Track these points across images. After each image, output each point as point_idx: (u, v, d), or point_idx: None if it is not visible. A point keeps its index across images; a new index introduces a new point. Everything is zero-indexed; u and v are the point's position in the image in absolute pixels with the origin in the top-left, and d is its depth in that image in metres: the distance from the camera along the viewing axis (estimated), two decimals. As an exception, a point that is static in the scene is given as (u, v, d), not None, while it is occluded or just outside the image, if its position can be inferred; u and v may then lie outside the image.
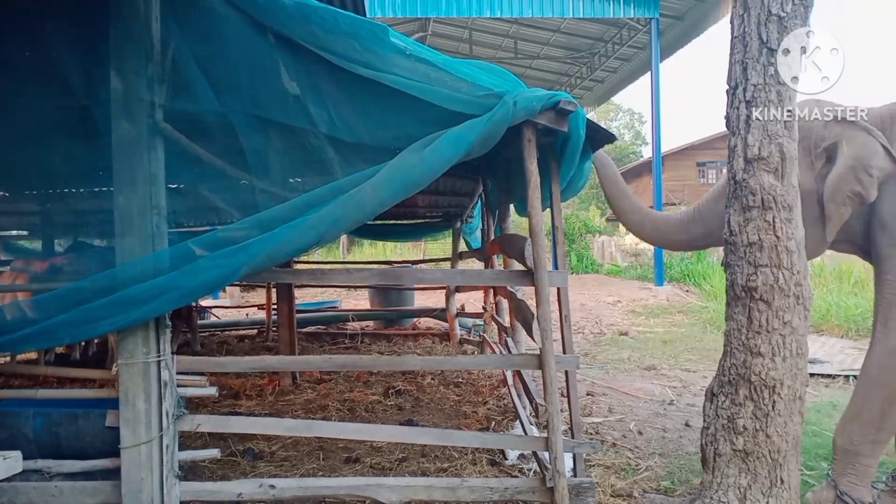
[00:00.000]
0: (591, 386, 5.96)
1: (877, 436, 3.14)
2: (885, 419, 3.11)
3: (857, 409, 3.20)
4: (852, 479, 3.17)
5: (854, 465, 3.18)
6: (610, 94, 23.23)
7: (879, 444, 3.17)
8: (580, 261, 19.94)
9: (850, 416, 3.23)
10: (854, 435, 3.16)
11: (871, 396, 3.14)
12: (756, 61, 2.82)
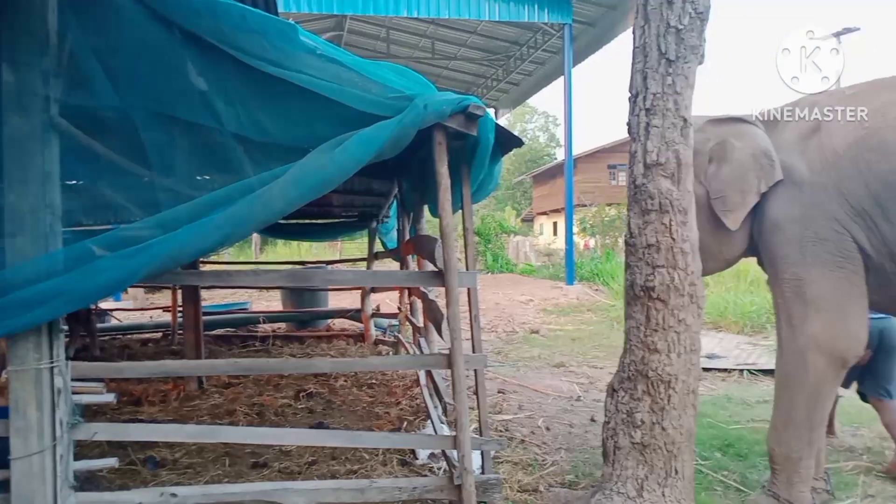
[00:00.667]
0: (502, 384, 6.08)
1: (811, 436, 3.17)
2: (813, 417, 3.15)
3: (785, 414, 3.19)
4: (800, 489, 3.18)
5: (797, 472, 3.18)
6: (525, 96, 23.70)
7: (814, 442, 3.20)
8: (495, 260, 20.28)
9: (781, 424, 3.22)
10: (792, 441, 3.17)
11: (795, 399, 3.14)
12: (655, 71, 2.95)
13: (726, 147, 3.34)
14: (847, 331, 3.07)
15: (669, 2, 2.91)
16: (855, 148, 3.02)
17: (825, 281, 3.07)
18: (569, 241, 15.40)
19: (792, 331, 3.14)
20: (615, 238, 19.29)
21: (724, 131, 3.39)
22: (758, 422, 4.80)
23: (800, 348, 3.11)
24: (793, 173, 3.19)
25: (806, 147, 3.20)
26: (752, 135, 3.32)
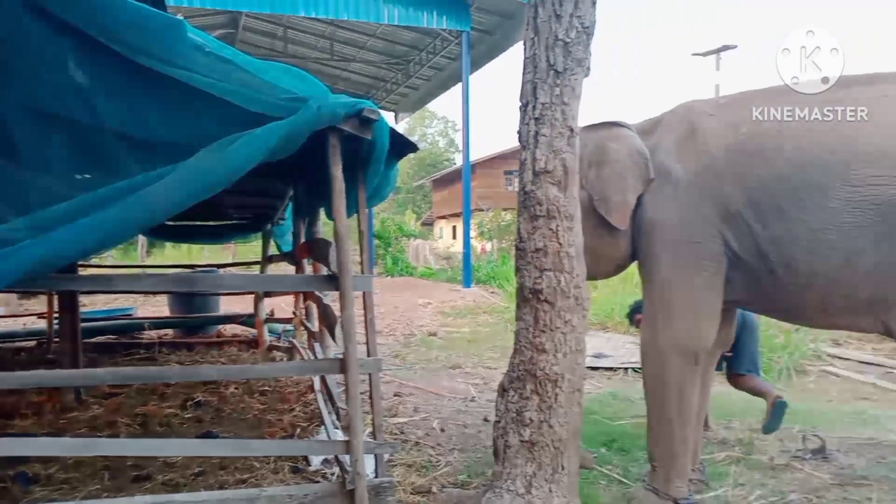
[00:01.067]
0: (399, 387, 6.10)
1: (682, 433, 3.30)
2: (682, 414, 3.28)
3: (657, 414, 3.33)
4: (677, 484, 3.31)
5: (674, 468, 3.31)
6: (425, 100, 23.87)
7: (687, 438, 3.33)
8: (395, 263, 20.31)
9: (654, 423, 3.35)
10: (666, 439, 3.28)
11: (663, 399, 3.28)
12: (544, 82, 3.05)
13: (603, 150, 3.46)
14: (700, 332, 3.25)
15: (558, 15, 3.02)
16: (732, 152, 3.16)
17: (690, 284, 3.23)
18: (466, 245, 15.65)
19: (655, 332, 3.29)
20: (511, 242, 19.75)
21: (599, 136, 3.51)
22: (640, 417, 5.03)
23: (661, 349, 3.26)
24: (670, 176, 3.31)
25: (682, 150, 3.33)
26: (625, 136, 3.46)
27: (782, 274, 3.07)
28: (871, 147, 2.88)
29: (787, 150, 3.03)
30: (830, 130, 2.99)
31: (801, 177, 2.98)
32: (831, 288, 3.02)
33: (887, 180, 2.83)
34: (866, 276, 2.93)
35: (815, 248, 2.97)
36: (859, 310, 3.04)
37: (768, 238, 3.07)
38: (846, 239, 2.91)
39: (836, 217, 2.91)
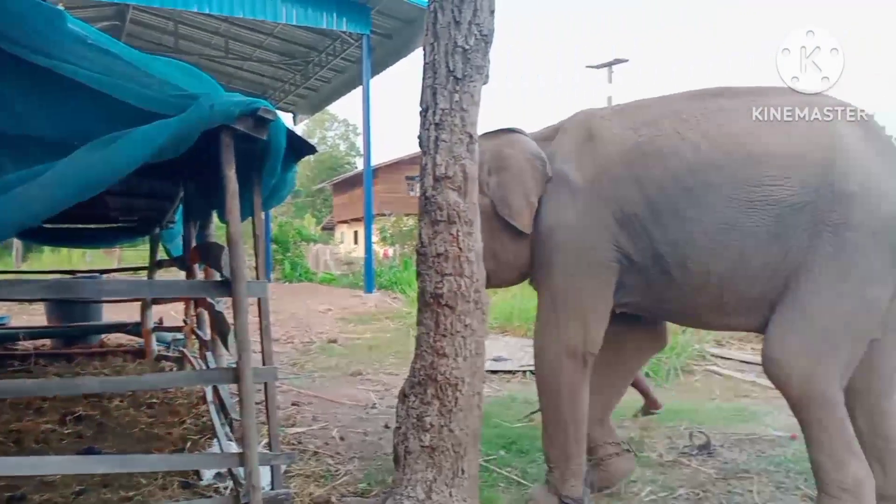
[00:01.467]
0: (297, 396, 5.95)
1: (577, 434, 3.35)
2: (575, 416, 3.33)
3: (551, 416, 3.38)
4: (572, 483, 3.35)
5: (569, 468, 3.35)
6: (325, 103, 23.55)
7: (581, 440, 3.38)
8: (294, 269, 19.87)
9: (549, 425, 3.40)
10: (561, 440, 3.35)
11: (557, 402, 3.34)
12: (444, 88, 3.06)
13: (501, 157, 3.47)
14: (590, 336, 3.31)
15: (457, 22, 3.04)
16: (630, 155, 3.20)
17: (584, 289, 3.29)
18: (368, 250, 15.55)
19: (548, 337, 3.35)
20: (413, 247, 19.78)
21: (496, 143, 3.52)
22: (539, 419, 5.16)
23: (556, 353, 3.31)
24: (567, 181, 3.33)
25: (580, 156, 3.37)
26: (520, 141, 3.51)
27: (677, 275, 3.12)
28: (762, 149, 2.98)
29: (685, 152, 3.09)
30: (725, 133, 3.08)
31: (697, 178, 3.04)
32: (725, 288, 3.08)
33: (779, 181, 2.92)
34: (757, 276, 3.01)
35: (710, 249, 3.03)
36: (751, 310, 3.12)
37: (664, 240, 3.10)
38: (740, 239, 2.98)
39: (730, 218, 2.98)
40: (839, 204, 2.88)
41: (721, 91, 3.29)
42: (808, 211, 2.91)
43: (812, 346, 2.94)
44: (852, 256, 2.89)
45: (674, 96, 3.40)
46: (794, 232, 2.93)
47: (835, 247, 2.89)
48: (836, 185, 2.88)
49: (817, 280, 2.91)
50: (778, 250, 2.96)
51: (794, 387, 2.97)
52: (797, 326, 2.94)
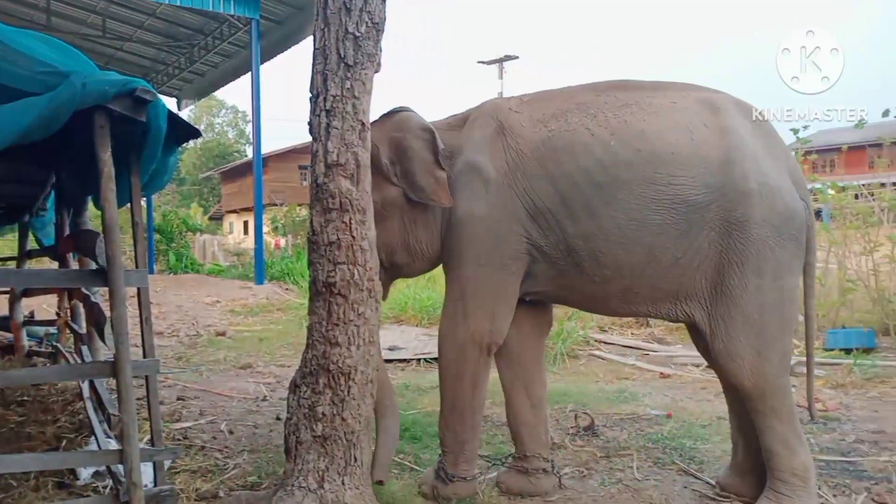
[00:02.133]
0: (182, 390, 5.73)
1: (473, 420, 3.42)
2: (474, 403, 3.40)
3: (450, 402, 3.42)
4: (464, 466, 3.41)
5: (463, 453, 3.41)
6: (212, 88, 22.56)
7: (477, 426, 3.48)
8: (179, 260, 19.00)
9: (447, 411, 3.43)
10: (457, 426, 3.40)
11: (458, 388, 3.37)
12: (335, 74, 3.03)
13: (397, 143, 3.42)
14: (497, 327, 3.35)
15: (348, 8, 3.01)
16: (541, 149, 3.21)
17: (492, 281, 3.29)
18: (258, 241, 15.12)
19: (455, 326, 3.35)
20: (305, 237, 19.42)
21: (388, 130, 3.45)
22: (431, 406, 5.23)
23: (461, 342, 3.33)
24: (481, 172, 3.29)
25: (493, 147, 3.34)
26: (407, 119, 3.46)
27: (589, 267, 3.18)
28: (669, 148, 3.08)
29: (596, 148, 3.14)
30: (633, 131, 3.15)
31: (608, 175, 3.10)
32: (635, 280, 3.18)
33: (685, 181, 3.04)
34: (668, 269, 3.13)
35: (621, 244, 3.11)
36: (660, 300, 3.25)
37: (577, 234, 3.15)
38: (650, 235, 3.08)
39: (640, 214, 3.07)
40: (741, 203, 3.03)
41: (623, 84, 3.37)
42: (714, 209, 3.05)
43: (755, 338, 3.11)
44: (761, 251, 3.05)
45: (577, 88, 3.46)
46: (702, 229, 3.06)
47: (744, 244, 3.05)
48: (738, 184, 3.04)
49: (740, 276, 3.08)
50: (687, 246, 3.09)
51: (747, 378, 3.12)
52: (737, 321, 3.10)
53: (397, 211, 3.35)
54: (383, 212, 3.34)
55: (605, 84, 3.43)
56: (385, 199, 3.37)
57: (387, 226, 3.39)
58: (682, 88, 3.35)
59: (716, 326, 3.15)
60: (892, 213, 8.06)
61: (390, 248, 3.45)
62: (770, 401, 3.15)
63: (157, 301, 11.16)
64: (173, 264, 18.71)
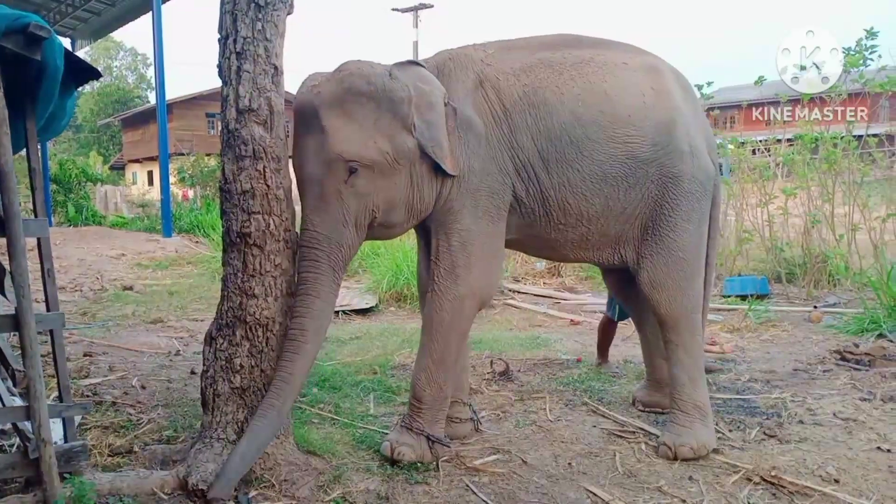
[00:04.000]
0: (90, 346, 5.51)
1: (453, 376, 3.41)
2: (458, 358, 3.40)
3: (439, 357, 3.27)
4: (440, 423, 3.34)
5: (442, 409, 3.34)
6: (108, 29, 21.09)
7: (451, 382, 3.39)
8: (79, 212, 17.98)
9: (434, 366, 3.28)
10: (442, 381, 3.28)
11: (449, 342, 3.27)
12: (245, 14, 2.91)
13: (425, 94, 3.14)
14: (494, 279, 3.43)
15: (259, -56, 2.88)
16: (520, 104, 3.29)
17: (487, 234, 3.31)
18: (165, 192, 14.53)
19: (454, 279, 3.23)
20: (215, 188, 18.77)
21: (411, 77, 3.16)
22: (350, 357, 5.26)
23: (460, 296, 3.24)
24: (472, 127, 3.25)
25: (476, 102, 3.31)
26: (433, 80, 3.24)
27: (556, 217, 3.42)
28: (627, 110, 3.39)
29: (568, 106, 3.33)
30: (598, 91, 3.39)
31: (579, 131, 3.33)
32: (592, 228, 3.49)
33: (638, 140, 3.38)
34: (617, 218, 3.48)
35: (585, 195, 3.39)
36: (606, 246, 3.59)
37: (551, 185, 3.35)
38: (608, 187, 3.40)
39: (602, 168, 3.37)
40: (678, 160, 3.46)
41: (572, 41, 3.56)
42: (656, 165, 3.44)
43: (677, 273, 3.53)
44: (690, 202, 3.50)
45: (532, 42, 3.55)
46: (646, 183, 3.43)
47: (676, 195, 3.47)
48: (677, 144, 3.47)
49: (671, 222, 3.49)
50: (633, 197, 3.46)
51: (665, 306, 3.54)
52: (663, 256, 3.52)
53: (408, 165, 3.11)
54: (394, 165, 3.08)
55: (555, 38, 3.58)
56: (399, 150, 3.08)
57: (394, 181, 3.11)
58: (627, 49, 3.64)
59: (643, 262, 3.55)
60: (786, 167, 8.52)
61: (390, 205, 3.15)
62: (682, 333, 3.56)
63: (57, 255, 10.57)
64: (73, 216, 17.70)
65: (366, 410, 4.02)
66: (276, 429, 2.95)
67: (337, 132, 3.00)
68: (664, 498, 2.96)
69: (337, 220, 3.04)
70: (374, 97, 3.04)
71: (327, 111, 3.01)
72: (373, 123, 3.04)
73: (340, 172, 3.00)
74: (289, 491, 2.92)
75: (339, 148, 2.99)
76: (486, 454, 3.40)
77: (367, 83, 3.05)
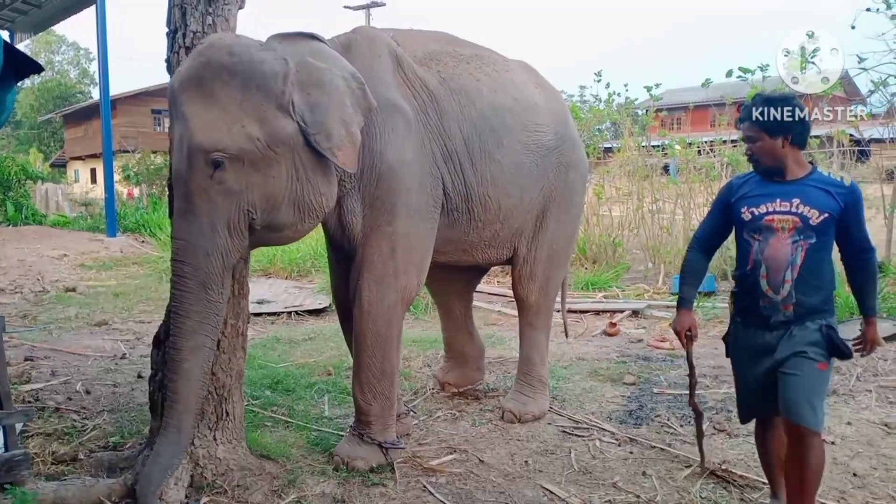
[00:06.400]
0: (30, 350, 5.31)
1: (396, 381, 3.25)
2: (397, 363, 3.20)
3: (378, 369, 3.09)
4: (392, 430, 3.22)
5: (391, 416, 3.20)
6: (50, 22, 20.24)
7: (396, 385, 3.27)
8: (18, 211, 17.31)
9: (375, 378, 3.10)
10: (387, 391, 3.13)
11: (387, 352, 3.08)
12: (195, 8, 2.85)
13: (313, 69, 2.67)
14: (421, 281, 3.23)
15: (210, -64, 2.81)
16: (441, 89, 3.14)
17: (422, 232, 3.08)
18: (109, 190, 14.11)
19: (383, 288, 3.01)
20: (162, 187, 18.30)
21: (298, 50, 2.72)
22: (303, 359, 5.18)
23: (393, 302, 3.04)
24: (399, 110, 2.97)
25: (400, 84, 3.05)
26: (333, 56, 2.80)
27: (478, 213, 3.33)
28: (533, 98, 3.49)
29: (484, 94, 3.31)
30: (506, 80, 3.44)
31: (498, 120, 3.30)
32: (504, 222, 3.47)
33: (545, 128, 3.50)
34: (524, 210, 3.54)
35: (503, 187, 3.37)
36: (507, 241, 3.63)
37: (474, 178, 3.24)
38: (522, 178, 3.44)
39: (518, 158, 3.39)
40: (571, 149, 3.67)
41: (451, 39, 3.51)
42: (556, 154, 3.57)
43: (549, 264, 3.73)
44: (573, 193, 3.74)
45: (419, 34, 3.47)
46: (548, 171, 3.57)
47: (564, 184, 3.66)
48: (570, 133, 3.69)
49: (557, 210, 3.65)
50: (539, 186, 3.55)
51: (534, 294, 3.77)
52: (544, 250, 3.69)
53: (288, 153, 2.61)
54: (268, 153, 2.56)
55: (436, 34, 3.52)
56: (274, 135, 2.56)
57: (271, 172, 2.60)
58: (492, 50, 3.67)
59: (529, 254, 3.71)
60: (730, 167, 8.76)
61: (272, 203, 2.65)
62: (543, 318, 3.90)
63: (-5, 255, 10.23)
64: (12, 215, 17.02)
65: (320, 413, 3.97)
66: (178, 447, 2.65)
67: (195, 118, 2.49)
68: (619, 494, 3.00)
69: (204, 224, 2.54)
70: (239, 72, 2.52)
71: (184, 94, 2.53)
72: (238, 104, 2.52)
73: (203, 166, 2.50)
74: (242, 496, 2.86)
75: (197, 137, 2.48)
76: (442, 454, 3.40)
77: (229, 54, 2.54)
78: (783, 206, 2.45)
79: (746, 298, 2.57)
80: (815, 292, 2.45)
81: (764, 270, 2.47)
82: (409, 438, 3.52)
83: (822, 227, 2.42)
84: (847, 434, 3.59)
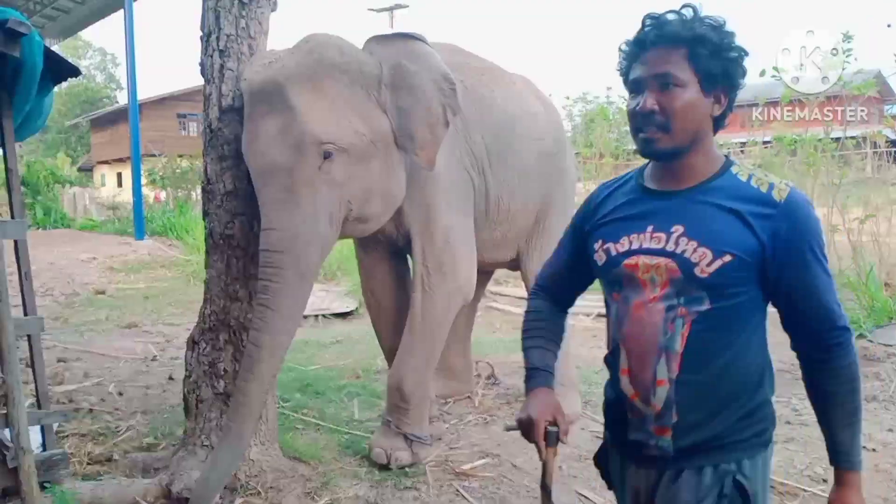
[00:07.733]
0: (63, 352, 5.38)
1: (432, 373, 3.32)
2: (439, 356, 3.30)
3: (428, 358, 3.17)
4: (427, 422, 3.26)
5: (427, 408, 3.26)
6: (78, 27, 20.72)
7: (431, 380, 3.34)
8: (48, 214, 17.64)
9: (423, 367, 3.16)
10: (429, 381, 3.19)
11: (438, 342, 3.18)
12: (229, 12, 2.85)
13: (404, 72, 2.81)
14: (474, 277, 3.31)
15: (242, -60, 2.82)
16: (467, 99, 3.14)
17: (464, 228, 3.23)
18: (136, 194, 14.28)
19: (443, 278, 3.11)
20: (188, 190, 18.49)
21: (394, 52, 2.85)
22: (332, 361, 5.18)
23: (450, 293, 3.15)
24: None
25: None
26: (428, 56, 2.87)
27: (493, 214, 3.47)
28: (535, 108, 3.66)
29: (502, 103, 3.47)
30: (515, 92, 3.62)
31: (513, 128, 3.47)
32: (512, 223, 3.60)
33: (546, 136, 3.65)
34: (528, 212, 3.64)
35: (513, 190, 3.51)
36: (513, 242, 3.74)
37: (493, 181, 3.39)
38: (528, 182, 3.56)
39: (527, 164, 3.54)
40: (565, 156, 3.84)
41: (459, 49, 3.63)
42: (554, 161, 3.73)
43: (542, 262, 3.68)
44: (568, 196, 3.91)
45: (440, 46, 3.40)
46: (548, 177, 3.68)
47: (562, 188, 3.81)
48: (564, 141, 3.87)
49: (556, 213, 3.75)
50: (541, 191, 3.68)
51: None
52: (543, 251, 3.63)
53: (384, 149, 2.78)
54: (370, 148, 2.74)
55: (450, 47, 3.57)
56: (376, 131, 2.75)
57: (370, 166, 2.76)
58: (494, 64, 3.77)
59: (529, 255, 3.80)
60: (762, 170, 8.69)
61: (367, 195, 2.80)
62: None
63: (25, 258, 10.36)
64: (41, 219, 17.34)
65: (350, 415, 3.96)
66: (237, 455, 2.61)
67: (309, 110, 2.59)
68: (655, 500, 2.94)
69: (308, 215, 2.61)
70: (348, 70, 2.69)
71: (295, 86, 2.62)
72: (346, 101, 2.68)
73: (313, 158, 2.59)
74: (275, 498, 2.85)
75: (312, 128, 2.58)
76: (474, 458, 3.36)
77: (341, 53, 2.72)
78: (655, 240, 1.33)
79: (613, 407, 1.49)
80: (719, 406, 1.36)
81: (624, 360, 1.38)
82: (440, 442, 3.49)
83: (722, 281, 1.29)
84: (889, 441, 3.50)
